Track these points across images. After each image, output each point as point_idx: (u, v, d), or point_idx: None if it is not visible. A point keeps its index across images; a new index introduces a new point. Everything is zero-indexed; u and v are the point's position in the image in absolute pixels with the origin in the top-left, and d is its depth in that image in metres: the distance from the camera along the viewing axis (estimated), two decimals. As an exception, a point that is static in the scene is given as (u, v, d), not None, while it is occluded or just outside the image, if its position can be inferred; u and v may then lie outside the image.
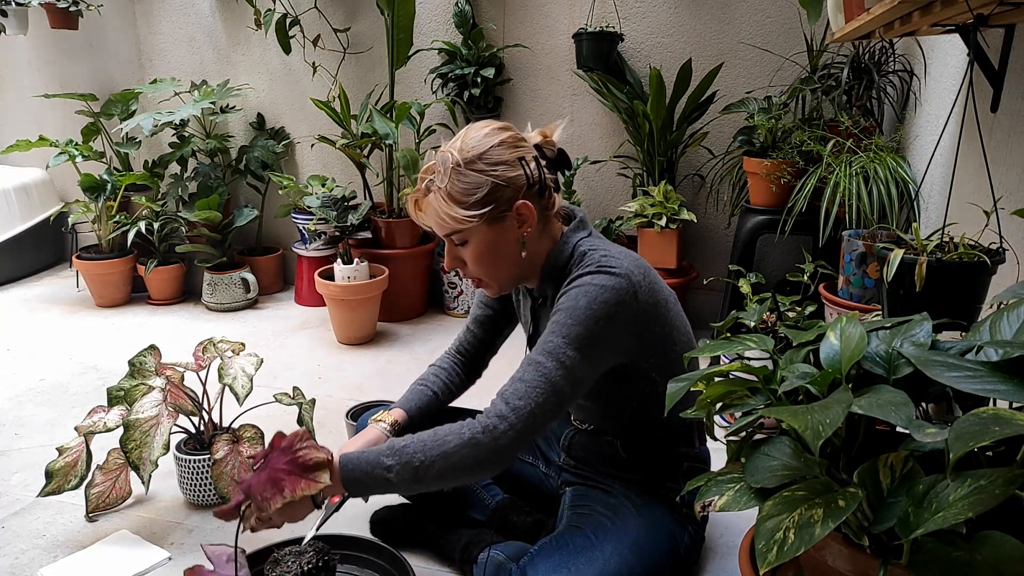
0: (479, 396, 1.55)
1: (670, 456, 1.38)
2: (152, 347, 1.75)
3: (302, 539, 1.37)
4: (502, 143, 1.24)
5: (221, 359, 1.71)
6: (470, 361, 1.57)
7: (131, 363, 1.71)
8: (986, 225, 1.23)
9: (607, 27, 2.74)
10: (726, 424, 1.94)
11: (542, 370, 1.17)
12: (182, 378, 1.70)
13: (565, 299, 1.21)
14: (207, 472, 1.68)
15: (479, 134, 1.25)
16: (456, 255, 1.30)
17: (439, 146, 1.30)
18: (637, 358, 1.27)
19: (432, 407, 1.49)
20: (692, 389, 0.98)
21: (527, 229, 1.26)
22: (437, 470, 1.14)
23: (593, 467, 1.43)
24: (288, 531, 1.61)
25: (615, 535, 1.27)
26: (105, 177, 3.17)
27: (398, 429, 1.42)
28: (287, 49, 3.10)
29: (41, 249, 3.72)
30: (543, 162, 1.28)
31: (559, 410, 1.18)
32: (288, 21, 3.08)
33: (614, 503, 1.34)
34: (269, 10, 3.04)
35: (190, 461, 1.68)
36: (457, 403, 1.57)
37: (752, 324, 1.79)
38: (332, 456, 1.18)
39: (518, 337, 1.52)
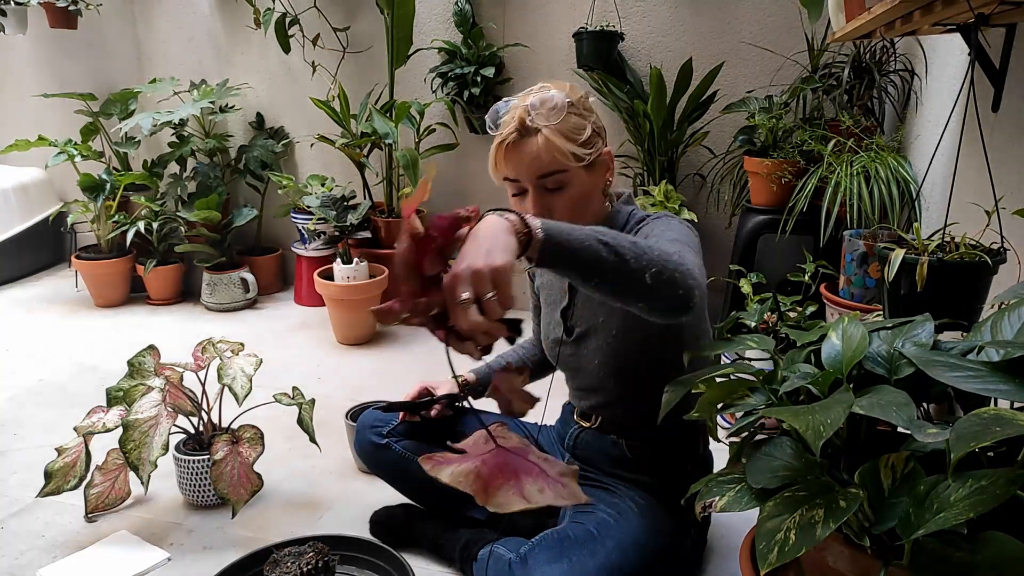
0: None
1: (675, 458, 1.38)
2: (151, 347, 1.75)
3: (302, 539, 1.37)
4: (585, 95, 1.27)
5: (220, 359, 1.71)
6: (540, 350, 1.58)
7: (130, 363, 1.71)
8: (987, 225, 1.23)
9: (607, 26, 2.74)
10: (727, 425, 1.94)
11: (678, 247, 1.07)
12: (181, 378, 1.70)
13: (651, 223, 1.22)
14: (206, 473, 1.67)
15: (564, 85, 1.26)
16: (546, 203, 1.23)
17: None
18: (671, 333, 1.29)
19: (527, 370, 1.45)
20: (693, 391, 0.98)
21: (610, 178, 1.30)
22: (645, 262, 0.93)
23: (598, 467, 1.42)
24: (288, 531, 1.61)
25: (617, 531, 1.27)
26: (104, 177, 3.17)
27: (467, 389, 1.51)
28: (286, 48, 3.09)
29: (40, 249, 3.72)
30: None
31: (699, 285, 1.02)
32: (287, 20, 3.08)
33: (617, 503, 1.34)
34: (268, 9, 3.04)
35: (189, 462, 1.68)
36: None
37: (753, 324, 1.79)
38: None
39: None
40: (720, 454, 1.14)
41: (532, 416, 1.62)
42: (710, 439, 1.37)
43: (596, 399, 1.42)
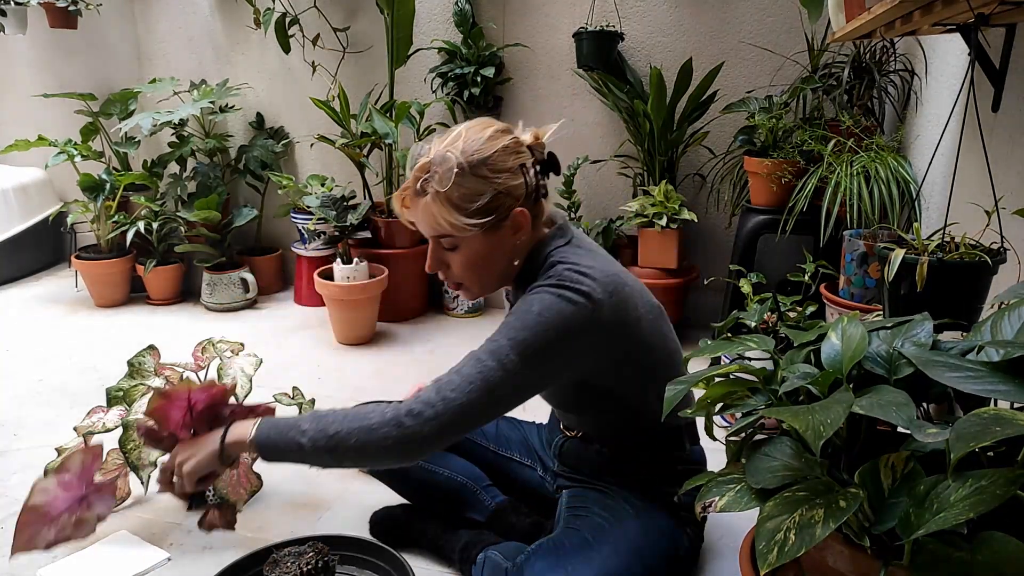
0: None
1: (662, 461, 1.37)
2: (151, 347, 1.75)
3: (302, 539, 1.37)
4: (505, 149, 1.19)
5: (220, 359, 1.71)
6: None
7: (130, 363, 1.70)
8: (987, 225, 1.23)
9: (607, 26, 2.74)
10: (726, 424, 1.94)
11: (480, 367, 1.12)
12: (181, 378, 1.70)
13: (520, 303, 1.17)
14: (206, 472, 1.67)
15: (481, 136, 1.19)
16: (442, 258, 1.25)
17: (430, 134, 1.26)
18: (601, 377, 1.24)
19: None
20: (693, 389, 0.98)
21: (521, 237, 1.23)
22: (354, 444, 1.10)
23: (586, 474, 1.42)
24: (288, 531, 1.61)
25: (612, 536, 1.27)
26: (104, 177, 3.17)
27: None
28: (286, 48, 3.09)
29: (40, 249, 3.72)
30: (536, 167, 1.24)
31: (493, 412, 1.15)
32: (287, 20, 3.08)
33: (611, 504, 1.33)
34: (268, 9, 3.04)
35: (189, 461, 1.68)
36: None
37: (753, 324, 1.79)
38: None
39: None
40: (713, 454, 1.14)
41: (529, 416, 1.62)
42: (699, 438, 1.38)
43: (571, 419, 1.43)
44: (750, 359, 1.73)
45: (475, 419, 1.13)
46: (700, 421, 1.11)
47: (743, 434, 0.95)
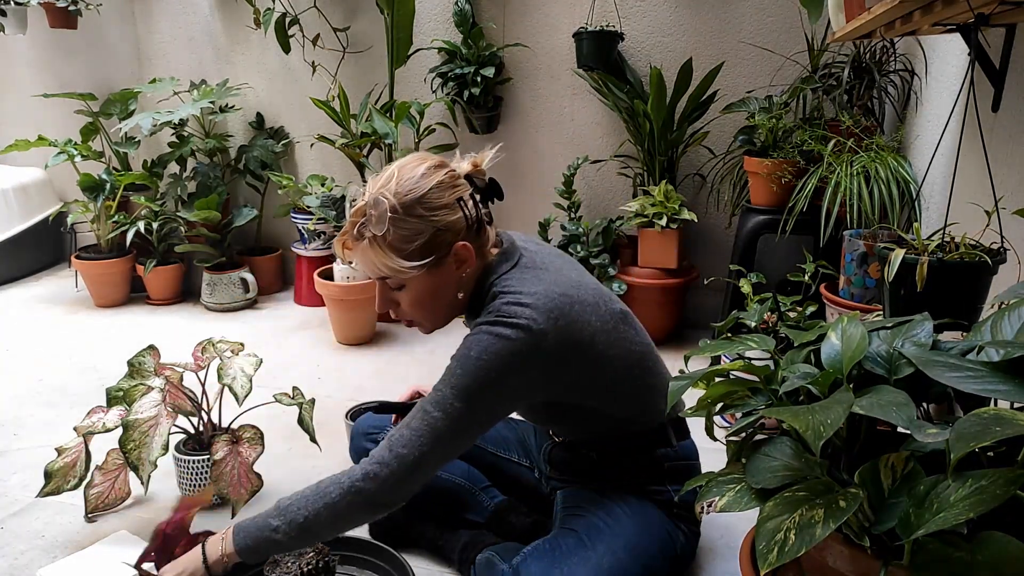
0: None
1: (649, 460, 1.36)
2: (151, 347, 1.75)
3: None
4: (440, 184, 1.18)
5: (220, 359, 1.71)
6: None
7: (130, 363, 1.71)
8: (987, 225, 1.23)
9: (607, 26, 2.74)
10: (727, 424, 1.94)
11: (428, 420, 1.15)
12: (181, 378, 1.70)
13: (461, 347, 1.18)
14: (206, 472, 1.67)
15: (414, 174, 1.17)
16: (390, 297, 1.25)
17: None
18: (564, 395, 1.24)
19: None
20: (693, 389, 0.98)
21: (465, 270, 1.22)
22: (324, 521, 1.14)
23: (577, 476, 1.42)
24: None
25: (608, 535, 1.26)
26: (104, 177, 3.17)
27: None
28: (286, 48, 3.09)
29: (40, 249, 3.72)
30: (476, 196, 1.23)
31: (449, 456, 1.18)
32: (287, 20, 3.08)
33: (606, 503, 1.33)
34: (268, 9, 3.04)
35: (189, 461, 1.68)
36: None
37: (753, 324, 1.79)
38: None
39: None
40: (713, 453, 1.14)
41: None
42: (689, 433, 1.37)
43: (553, 428, 1.44)
44: (750, 359, 1.73)
45: (432, 467, 1.17)
46: (695, 418, 1.10)
47: (743, 434, 0.95)
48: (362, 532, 1.57)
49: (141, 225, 3.07)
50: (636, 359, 1.29)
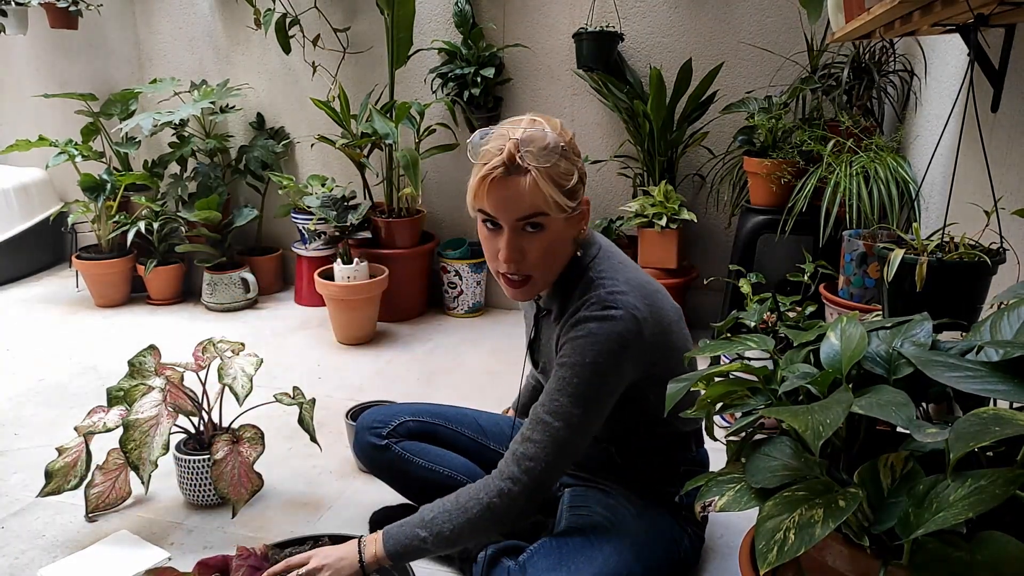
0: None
1: (667, 461, 1.37)
2: (152, 347, 1.75)
3: (302, 539, 1.36)
4: (573, 138, 1.23)
5: (221, 359, 1.71)
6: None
7: (131, 363, 1.71)
8: (986, 225, 1.23)
9: (607, 27, 2.74)
10: (726, 424, 1.94)
11: (551, 431, 1.18)
12: (182, 378, 1.70)
13: (571, 350, 1.18)
14: (207, 472, 1.68)
15: (556, 124, 1.20)
16: (520, 245, 1.19)
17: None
18: (638, 381, 1.26)
19: None
20: (692, 389, 0.98)
21: (583, 228, 1.25)
22: (467, 534, 1.20)
23: (590, 471, 1.42)
24: (288, 531, 1.61)
25: (614, 535, 1.27)
26: (105, 177, 3.17)
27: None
28: (287, 49, 3.10)
29: (41, 249, 3.72)
30: None
31: (571, 461, 1.21)
32: (288, 21, 3.08)
33: (613, 504, 1.33)
34: (269, 10, 3.04)
35: (190, 461, 1.68)
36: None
37: (752, 324, 1.79)
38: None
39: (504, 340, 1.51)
40: (717, 453, 1.14)
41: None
42: (705, 440, 1.38)
43: None
44: (750, 359, 1.73)
45: (560, 471, 1.20)
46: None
47: (743, 434, 0.95)
48: (362, 532, 1.57)
49: (142, 225, 3.07)
50: (679, 342, 1.33)
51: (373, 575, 1.22)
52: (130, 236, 3.08)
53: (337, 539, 1.39)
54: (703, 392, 0.96)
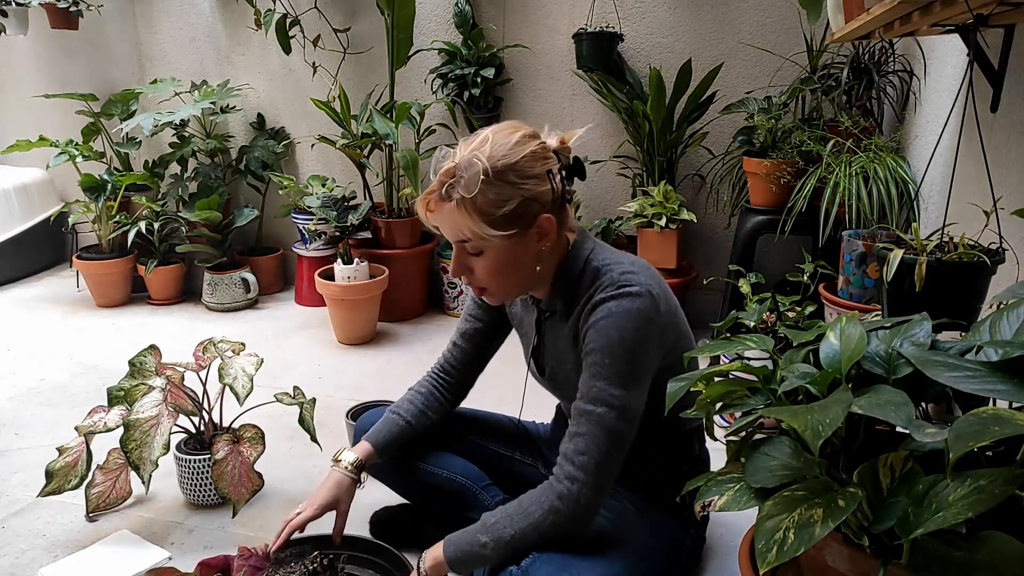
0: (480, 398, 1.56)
1: (670, 461, 1.37)
2: (152, 347, 1.75)
3: (302, 539, 1.36)
4: (533, 154, 1.16)
5: (221, 359, 1.71)
6: (456, 380, 1.50)
7: (131, 363, 1.71)
8: (986, 225, 1.24)
9: (607, 27, 2.74)
10: (726, 424, 1.94)
11: (595, 418, 1.15)
12: (182, 378, 1.70)
13: (595, 335, 1.17)
14: (207, 472, 1.68)
15: (508, 140, 1.16)
16: (466, 264, 1.22)
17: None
18: (657, 372, 1.25)
19: (405, 437, 1.45)
20: (692, 389, 0.98)
21: (546, 243, 1.21)
22: (530, 539, 1.17)
23: None
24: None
25: (617, 538, 1.27)
26: (105, 177, 3.17)
27: (360, 467, 1.39)
28: (287, 49, 3.10)
29: (41, 249, 3.72)
30: (563, 172, 1.22)
31: (624, 448, 1.18)
32: (288, 21, 3.08)
33: (615, 505, 1.33)
34: (269, 10, 3.04)
35: (190, 461, 1.68)
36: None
37: (752, 324, 1.79)
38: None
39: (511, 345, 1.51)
40: (717, 453, 1.15)
41: (529, 414, 1.63)
42: (707, 440, 1.38)
43: None
44: (749, 359, 1.73)
45: (616, 464, 1.18)
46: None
47: (742, 434, 0.95)
48: (362, 532, 1.57)
49: (142, 225, 3.07)
50: (691, 343, 1.33)
51: None
52: (131, 236, 3.08)
53: (346, 540, 1.39)
54: (703, 392, 0.97)
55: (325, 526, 1.63)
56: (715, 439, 1.02)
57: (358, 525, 1.60)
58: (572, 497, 1.14)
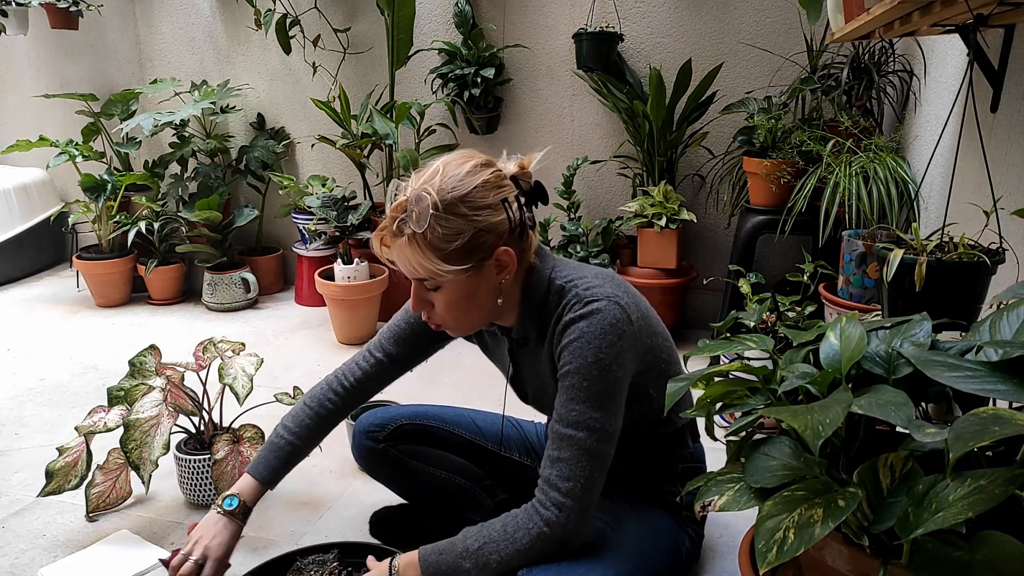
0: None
1: (665, 460, 1.37)
2: (152, 347, 1.75)
3: (326, 546, 1.34)
4: (485, 184, 1.13)
5: (221, 359, 1.71)
6: (358, 394, 1.43)
7: (131, 363, 1.71)
8: (986, 225, 1.24)
9: (607, 27, 2.74)
10: (726, 424, 1.94)
11: (576, 443, 1.13)
12: (182, 378, 1.70)
13: (570, 357, 1.15)
14: (207, 472, 1.68)
15: (459, 171, 1.13)
16: (424, 298, 1.20)
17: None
18: (637, 376, 1.24)
19: (295, 462, 1.40)
20: (692, 389, 0.98)
21: (506, 276, 1.18)
22: (516, 564, 1.15)
23: None
24: (288, 530, 1.61)
25: (615, 539, 1.26)
26: (105, 177, 3.17)
27: (244, 509, 1.33)
28: (287, 49, 3.10)
29: (41, 249, 3.72)
30: (521, 199, 1.18)
31: (607, 467, 1.17)
32: (288, 21, 3.08)
33: (613, 507, 1.33)
34: (269, 10, 3.04)
35: (190, 461, 1.68)
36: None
37: (752, 324, 1.79)
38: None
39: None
40: (717, 453, 1.15)
41: (529, 414, 1.63)
42: (701, 435, 1.38)
43: None
44: (749, 359, 1.73)
45: (599, 485, 1.16)
46: (700, 419, 1.11)
47: (742, 433, 0.96)
48: (362, 531, 1.57)
49: (142, 225, 3.07)
50: (669, 343, 1.31)
51: None
52: (131, 236, 3.08)
53: (363, 548, 1.37)
54: (703, 392, 0.97)
55: (325, 526, 1.63)
56: (715, 439, 1.02)
57: (358, 524, 1.60)
58: (560, 523, 1.13)
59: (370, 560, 1.25)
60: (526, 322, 1.25)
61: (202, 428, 1.73)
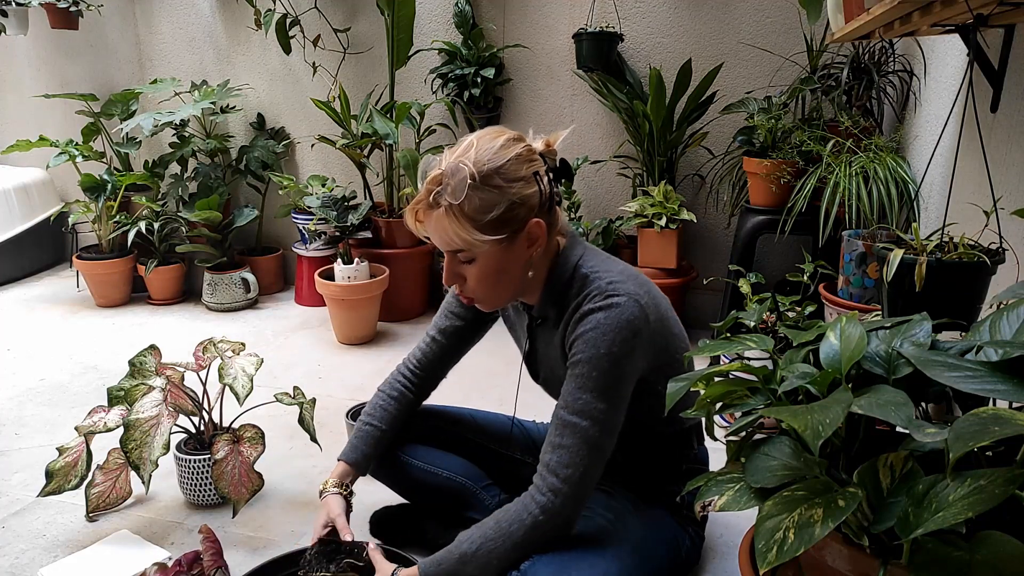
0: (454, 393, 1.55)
1: (669, 460, 1.38)
2: (152, 347, 1.75)
3: (337, 543, 1.35)
4: (519, 157, 1.16)
5: (221, 359, 1.71)
6: (427, 376, 1.50)
7: (131, 363, 1.71)
8: (986, 225, 1.24)
9: (607, 27, 2.74)
10: (726, 424, 1.94)
11: (578, 431, 1.15)
12: (182, 378, 1.70)
13: (582, 345, 1.17)
14: (207, 472, 1.68)
15: (493, 145, 1.16)
16: (458, 271, 1.22)
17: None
18: (648, 373, 1.25)
19: (383, 444, 1.46)
20: (692, 389, 0.98)
21: (537, 249, 1.20)
22: (516, 557, 1.16)
23: None
24: (289, 530, 1.61)
25: (616, 538, 1.26)
26: (105, 177, 3.17)
27: (350, 488, 1.41)
28: (287, 49, 3.10)
29: (41, 249, 3.72)
30: (550, 174, 1.22)
31: (605, 458, 1.19)
32: (288, 21, 3.08)
33: (614, 505, 1.33)
34: (269, 10, 3.04)
35: (190, 461, 1.68)
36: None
37: (752, 324, 1.79)
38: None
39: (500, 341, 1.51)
40: (717, 453, 1.15)
41: (530, 413, 1.63)
42: (705, 438, 1.38)
43: None
44: (749, 359, 1.73)
45: (596, 475, 1.18)
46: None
47: (742, 433, 0.95)
48: (362, 531, 1.57)
49: (142, 225, 3.07)
50: (684, 344, 1.33)
51: None
52: (131, 236, 3.08)
53: (352, 545, 1.37)
54: (703, 392, 0.97)
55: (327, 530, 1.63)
56: (715, 439, 1.02)
57: (359, 524, 1.60)
58: (554, 509, 1.14)
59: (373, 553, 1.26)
60: (547, 302, 1.27)
61: (202, 428, 1.73)
